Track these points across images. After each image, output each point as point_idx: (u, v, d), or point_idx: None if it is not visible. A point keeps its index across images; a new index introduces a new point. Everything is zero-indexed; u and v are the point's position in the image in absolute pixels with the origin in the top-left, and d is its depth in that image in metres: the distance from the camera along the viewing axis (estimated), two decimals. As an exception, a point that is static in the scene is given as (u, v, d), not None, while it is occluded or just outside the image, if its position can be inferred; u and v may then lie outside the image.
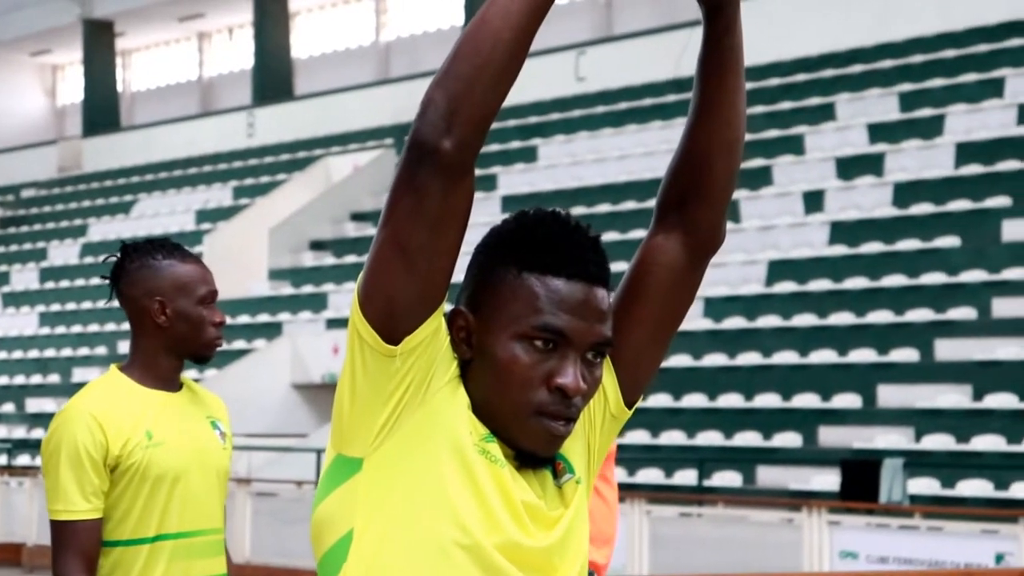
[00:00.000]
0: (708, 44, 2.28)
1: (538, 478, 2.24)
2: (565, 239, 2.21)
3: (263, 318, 28.31)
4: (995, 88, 22.59)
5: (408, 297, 2.13)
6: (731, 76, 2.29)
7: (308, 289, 28.46)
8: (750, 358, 19.87)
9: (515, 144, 29.14)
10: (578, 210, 25.62)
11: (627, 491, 15.24)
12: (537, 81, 29.83)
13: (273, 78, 36.46)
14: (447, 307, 2.23)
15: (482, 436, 2.19)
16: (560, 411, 2.18)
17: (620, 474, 19.08)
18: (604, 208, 25.40)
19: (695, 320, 21.76)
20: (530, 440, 2.19)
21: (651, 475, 18.78)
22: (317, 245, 30.37)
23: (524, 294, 2.18)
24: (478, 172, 28.77)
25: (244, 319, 28.73)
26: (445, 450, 2.17)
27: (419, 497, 2.16)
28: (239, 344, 27.76)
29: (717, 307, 21.56)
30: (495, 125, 29.85)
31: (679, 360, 20.97)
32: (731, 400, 19.32)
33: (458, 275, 2.21)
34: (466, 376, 2.21)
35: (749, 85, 26.06)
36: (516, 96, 29.79)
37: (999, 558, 11.15)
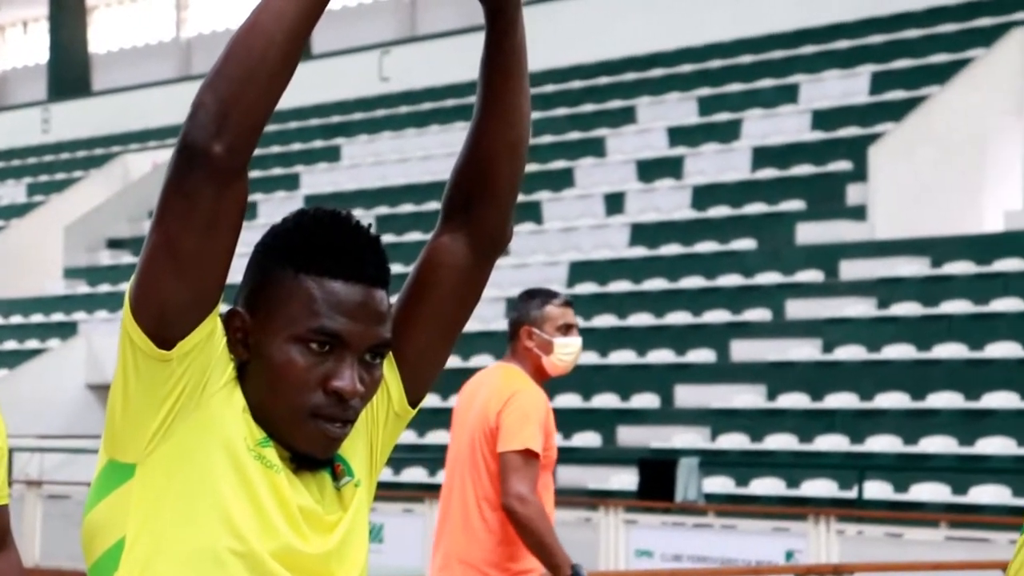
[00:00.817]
0: (490, 45, 2.28)
1: (316, 481, 2.22)
2: (344, 240, 2.19)
3: (58, 317, 27.75)
4: (790, 94, 23.07)
5: (181, 302, 2.10)
6: (514, 77, 2.29)
7: (105, 288, 27.98)
8: (550, 358, 20.00)
9: (318, 143, 28.99)
10: (381, 210, 25.59)
11: (428, 492, 15.24)
12: (341, 80, 29.71)
13: (69, 73, 35.77)
14: (224, 307, 2.20)
15: (258, 440, 2.16)
16: (336, 414, 2.17)
17: (420, 474, 19.09)
18: (407, 208, 25.40)
19: (497, 321, 21.86)
20: (306, 442, 2.18)
21: (452, 475, 18.80)
22: (115, 243, 29.87)
23: (301, 296, 2.16)
24: (281, 171, 28.56)
25: (38, 318, 28.14)
26: (220, 455, 2.14)
27: (193, 504, 2.13)
28: (32, 344, 27.17)
29: (518, 308, 21.65)
30: (298, 124, 29.66)
31: (481, 360, 21.04)
32: (531, 400, 19.42)
33: (236, 275, 2.18)
34: (243, 378, 2.19)
35: (552, 88, 26.28)
36: (319, 95, 29.64)
37: (789, 555, 11.37)
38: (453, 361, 21.24)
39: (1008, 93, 20.34)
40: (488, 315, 22.00)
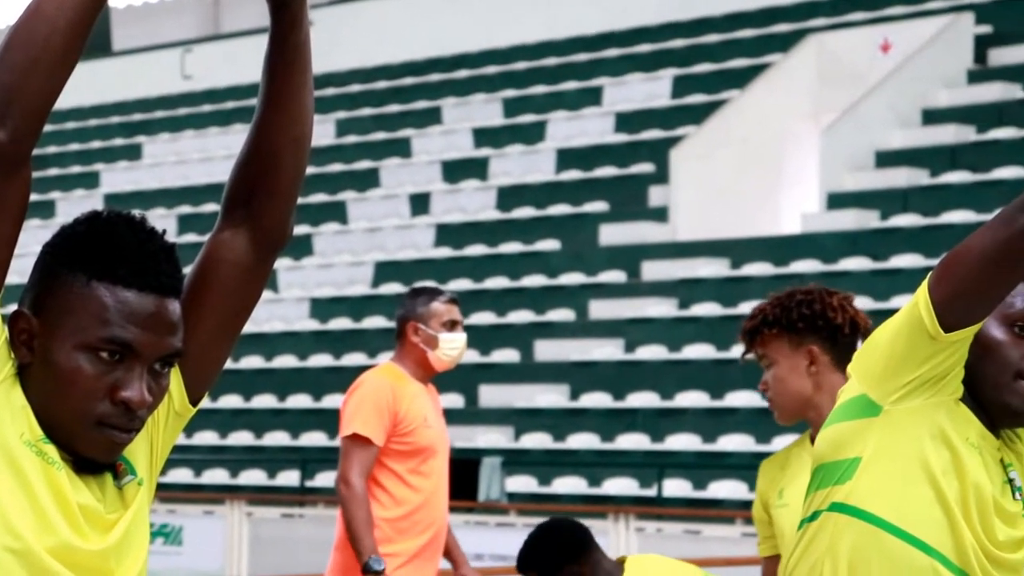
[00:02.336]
0: (274, 41, 2.28)
1: (97, 479, 2.19)
2: (138, 248, 2.16)
3: None
4: (594, 96, 23.31)
5: (-43, 293, 2.06)
6: (297, 73, 2.29)
7: None
8: (356, 359, 19.96)
9: (119, 141, 28.54)
10: (184, 209, 25.26)
11: (228, 493, 15.11)
12: (142, 78, 29.27)
13: None
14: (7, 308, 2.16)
15: (39, 437, 2.13)
16: (123, 423, 2.15)
17: (221, 476, 18.90)
18: (210, 208, 25.12)
19: (301, 321, 21.74)
20: (90, 448, 2.15)
21: (254, 476, 18.67)
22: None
23: (92, 304, 2.13)
24: (80, 169, 28.03)
25: None
26: (-5, 452, 2.10)
27: (-33, 501, 2.09)
28: None
29: (323, 308, 21.58)
30: (98, 121, 29.13)
31: (284, 361, 20.91)
32: (336, 400, 19.35)
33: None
34: (24, 378, 2.15)
35: (357, 88, 26.20)
36: (120, 92, 29.16)
37: (589, 553, 11.47)
38: (255, 362, 21.07)
39: (804, 97, 20.79)
40: (292, 315, 21.87)
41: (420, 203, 23.03)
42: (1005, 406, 2.62)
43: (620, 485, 16.13)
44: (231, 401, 20.40)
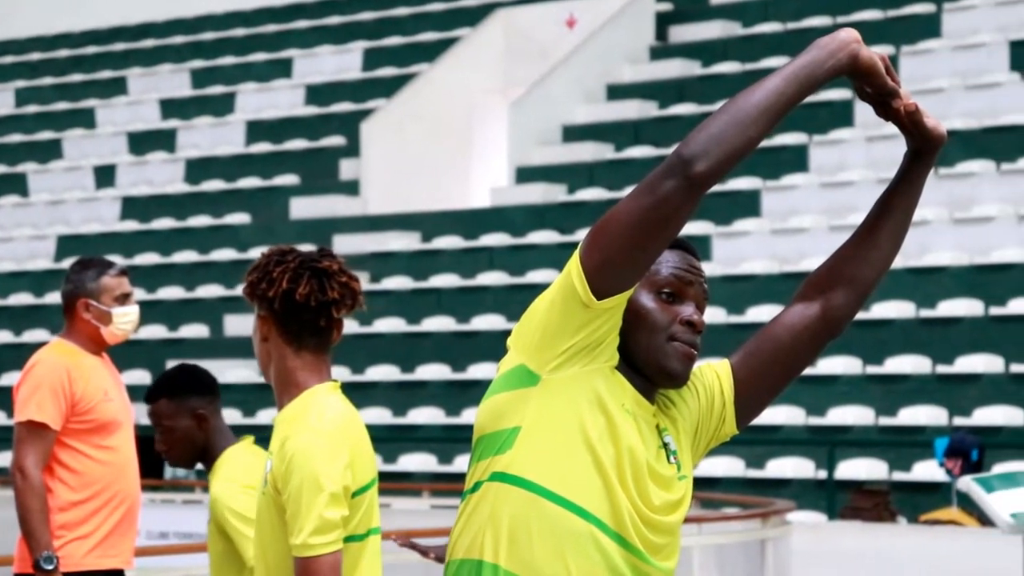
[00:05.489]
0: None
1: None
2: None
3: None
4: (284, 68, 23.12)
5: None
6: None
7: None
8: (37, 335, 19.42)
9: None
10: None
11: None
12: None
13: None
14: None
15: None
16: None
17: None
18: None
19: (-20, 297, 21.08)
20: None
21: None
22: None
23: None
24: None
25: None
26: None
27: None
28: None
29: (3, 283, 20.95)
30: None
31: (-38, 339, 20.25)
32: (13, 379, 18.81)
33: None
34: None
35: (38, 56, 25.50)
36: None
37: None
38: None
39: (493, 72, 20.98)
40: (-29, 291, 21.17)
41: (105, 175, 22.52)
42: (661, 368, 2.66)
43: (310, 459, 16.06)
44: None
